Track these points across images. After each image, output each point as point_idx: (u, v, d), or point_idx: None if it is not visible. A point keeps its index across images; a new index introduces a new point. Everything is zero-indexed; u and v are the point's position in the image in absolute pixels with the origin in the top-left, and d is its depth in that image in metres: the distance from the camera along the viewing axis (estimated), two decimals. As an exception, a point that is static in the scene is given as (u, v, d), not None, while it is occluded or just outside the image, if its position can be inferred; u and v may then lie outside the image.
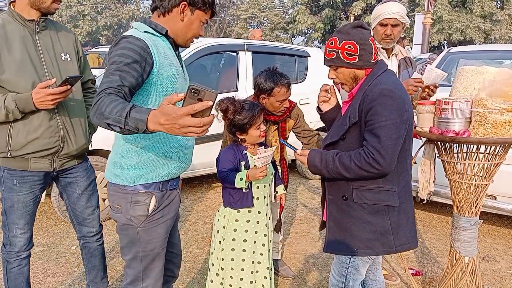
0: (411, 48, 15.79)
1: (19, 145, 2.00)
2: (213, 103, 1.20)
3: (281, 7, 34.86)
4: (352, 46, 1.75)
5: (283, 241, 3.54)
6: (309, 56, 5.21)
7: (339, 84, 1.89)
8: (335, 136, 1.84)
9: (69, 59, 2.15)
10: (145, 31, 1.63)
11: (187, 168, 1.88)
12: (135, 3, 42.86)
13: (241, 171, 2.26)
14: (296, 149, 1.96)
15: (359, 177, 1.75)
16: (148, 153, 1.69)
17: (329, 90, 2.03)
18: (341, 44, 1.76)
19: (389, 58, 2.68)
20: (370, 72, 1.80)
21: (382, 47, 2.63)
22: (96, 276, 2.44)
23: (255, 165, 2.16)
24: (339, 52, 1.77)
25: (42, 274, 2.94)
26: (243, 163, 2.28)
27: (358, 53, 1.75)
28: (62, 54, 2.12)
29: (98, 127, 2.04)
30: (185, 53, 4.31)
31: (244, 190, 2.24)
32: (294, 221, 4.03)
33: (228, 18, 37.28)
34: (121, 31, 40.70)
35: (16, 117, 1.95)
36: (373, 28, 2.62)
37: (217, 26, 36.78)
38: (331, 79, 1.86)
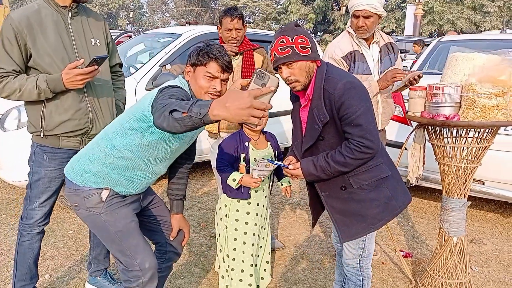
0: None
1: (51, 126, 2.13)
2: (275, 90, 1.23)
3: (273, -3, 34.69)
4: (304, 40, 1.82)
5: (277, 225, 3.62)
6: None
7: (292, 83, 1.88)
8: (311, 140, 1.92)
9: (98, 44, 2.26)
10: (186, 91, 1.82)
11: (134, 194, 1.98)
12: (125, -8, 42.28)
13: (240, 162, 2.31)
14: (288, 166, 2.01)
15: (356, 167, 1.87)
16: (110, 169, 1.82)
17: None
18: (293, 39, 1.82)
19: (369, 46, 2.71)
20: (318, 71, 1.87)
21: (359, 37, 2.68)
22: (100, 253, 2.51)
23: (252, 173, 2.21)
24: (294, 47, 1.81)
25: (41, 257, 2.96)
26: (243, 155, 2.32)
27: (310, 46, 1.83)
28: (92, 40, 2.23)
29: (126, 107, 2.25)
30: (178, 41, 4.35)
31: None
32: (288, 206, 4.10)
33: (219, 8, 37.02)
34: (111, 20, 40.22)
35: (47, 96, 2.07)
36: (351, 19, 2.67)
37: (208, 16, 36.56)
38: (286, 78, 1.87)
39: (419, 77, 2.60)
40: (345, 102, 1.78)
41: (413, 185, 2.77)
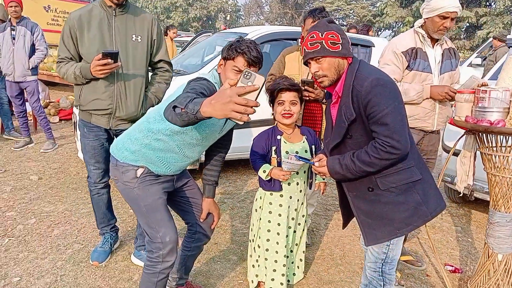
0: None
1: (85, 101, 2.58)
2: (260, 88, 1.30)
3: (368, 0, 33.73)
4: (334, 36, 1.82)
5: (323, 225, 3.60)
6: (373, 46, 5.12)
7: (320, 78, 1.88)
8: (337, 137, 1.90)
9: (139, 40, 2.56)
10: (215, 82, 1.98)
11: (168, 175, 2.13)
12: (224, -5, 44.15)
13: (271, 155, 2.38)
14: (314, 163, 2.02)
15: (382, 167, 1.81)
16: (147, 149, 2.01)
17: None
18: (323, 35, 1.82)
19: (433, 47, 2.67)
20: (349, 69, 1.85)
21: (427, 36, 2.64)
22: None
23: (281, 165, 2.26)
24: (323, 42, 1.82)
25: (97, 231, 3.32)
26: (274, 148, 2.38)
27: (341, 42, 1.82)
28: (134, 35, 2.54)
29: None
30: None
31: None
32: (339, 209, 4.05)
33: (313, 10, 36.95)
34: (210, 22, 42.35)
35: (81, 81, 2.52)
36: (428, 18, 2.59)
37: (301, 19, 36.70)
38: (314, 73, 1.87)
39: (484, 85, 2.45)
40: (372, 99, 1.73)
41: (469, 196, 2.59)
